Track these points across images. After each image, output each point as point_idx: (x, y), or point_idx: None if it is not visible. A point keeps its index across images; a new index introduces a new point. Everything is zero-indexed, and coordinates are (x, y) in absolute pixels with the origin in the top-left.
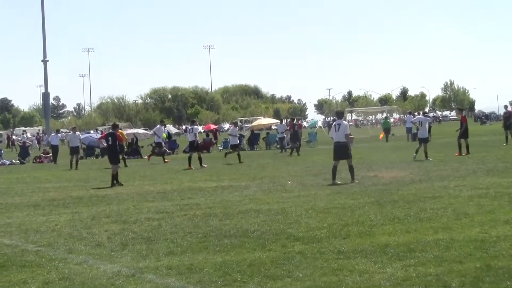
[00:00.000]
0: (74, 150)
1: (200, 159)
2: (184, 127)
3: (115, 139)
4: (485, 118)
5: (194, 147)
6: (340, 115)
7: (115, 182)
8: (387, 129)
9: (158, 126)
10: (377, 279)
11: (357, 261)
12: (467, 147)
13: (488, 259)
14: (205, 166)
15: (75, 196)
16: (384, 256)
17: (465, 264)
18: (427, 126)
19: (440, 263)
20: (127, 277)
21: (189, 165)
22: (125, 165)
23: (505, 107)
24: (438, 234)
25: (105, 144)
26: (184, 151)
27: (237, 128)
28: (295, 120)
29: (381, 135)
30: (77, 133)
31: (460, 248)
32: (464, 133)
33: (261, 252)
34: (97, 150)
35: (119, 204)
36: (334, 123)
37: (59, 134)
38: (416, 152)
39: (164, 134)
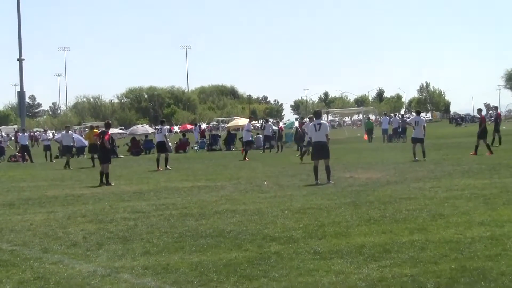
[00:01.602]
0: (67, 149)
1: (166, 160)
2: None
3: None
4: (460, 120)
5: (161, 148)
6: (318, 115)
7: (104, 181)
8: (370, 130)
9: (160, 126)
10: (353, 279)
11: (333, 262)
12: (488, 146)
13: (463, 260)
14: (170, 168)
15: (50, 195)
16: (360, 257)
17: (440, 265)
18: (423, 126)
19: (415, 264)
20: (102, 276)
21: (158, 166)
22: (93, 165)
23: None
24: (413, 235)
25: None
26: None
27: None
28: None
29: (365, 136)
30: (70, 132)
31: (435, 249)
32: (482, 133)
33: (237, 252)
34: (74, 150)
35: (95, 204)
36: (313, 123)
37: (26, 134)
38: (414, 155)
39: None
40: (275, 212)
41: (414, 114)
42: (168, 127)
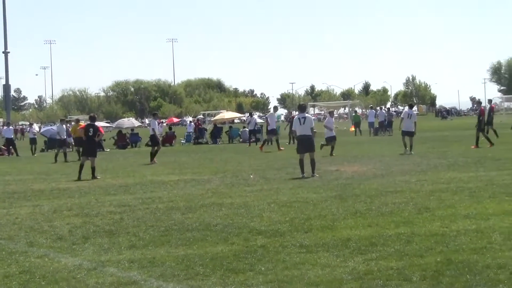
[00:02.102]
0: (63, 142)
1: (155, 153)
2: (147, 120)
3: (97, 131)
4: (446, 113)
5: (154, 140)
6: (303, 108)
7: (82, 175)
8: (357, 123)
9: (152, 119)
10: (339, 272)
11: (319, 255)
12: (488, 138)
13: (448, 253)
14: (155, 162)
15: (36, 189)
16: (346, 250)
17: (425, 258)
18: (415, 120)
19: (401, 257)
20: (88, 270)
21: (152, 159)
22: (79, 159)
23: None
24: (399, 228)
25: (84, 135)
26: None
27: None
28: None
29: (352, 128)
30: (65, 125)
31: (421, 242)
32: (480, 125)
33: (223, 245)
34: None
35: (81, 197)
36: (297, 117)
37: (11, 127)
38: (405, 146)
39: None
40: (261, 206)
41: (403, 108)
42: (156, 120)
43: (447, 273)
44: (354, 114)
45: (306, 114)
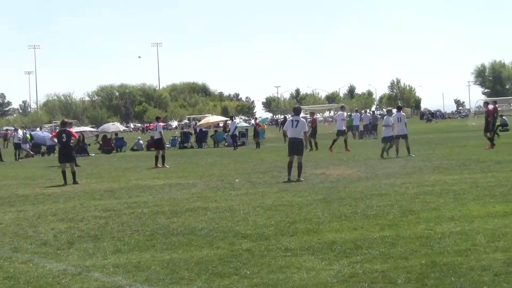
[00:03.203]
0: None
1: (163, 157)
2: (132, 125)
3: (70, 136)
4: (431, 116)
5: (159, 145)
6: (298, 111)
7: (66, 180)
8: (350, 127)
9: (157, 123)
10: (324, 276)
11: (304, 258)
12: (490, 139)
13: (433, 256)
14: (167, 166)
15: (20, 194)
16: (331, 253)
17: (410, 261)
18: (405, 122)
19: (386, 259)
20: (73, 275)
21: (156, 164)
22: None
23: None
24: (384, 231)
25: (57, 142)
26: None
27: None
28: (314, 115)
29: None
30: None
31: (406, 245)
32: (487, 126)
33: (208, 249)
34: (43, 148)
35: (65, 202)
36: (291, 119)
37: None
38: (397, 151)
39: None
40: (246, 209)
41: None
42: (161, 124)
43: (432, 275)
44: (348, 118)
45: (300, 118)
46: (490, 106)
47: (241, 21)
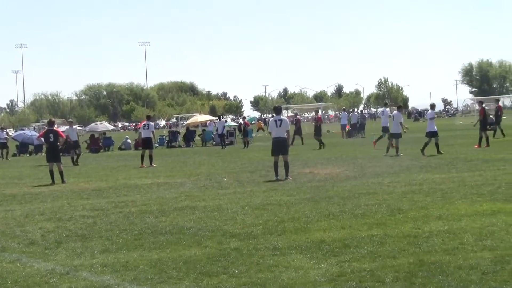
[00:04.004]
0: (76, 144)
1: (150, 157)
2: (119, 124)
3: (57, 135)
4: (418, 115)
5: (147, 144)
6: (278, 110)
7: (54, 180)
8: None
9: (150, 123)
10: (312, 275)
11: (292, 257)
12: (487, 139)
13: (421, 254)
14: (155, 165)
15: (8, 193)
16: (319, 252)
17: (398, 260)
18: (400, 122)
19: (374, 258)
20: (61, 275)
21: (142, 163)
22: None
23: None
24: (372, 230)
25: (45, 142)
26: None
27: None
28: (319, 113)
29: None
30: (74, 126)
31: (394, 244)
32: (482, 125)
33: (197, 249)
34: (31, 147)
35: (53, 202)
36: (274, 119)
37: None
38: (396, 149)
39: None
40: (234, 209)
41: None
42: (153, 123)
43: (420, 274)
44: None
45: (283, 117)
46: (484, 105)
47: (229, 20)
